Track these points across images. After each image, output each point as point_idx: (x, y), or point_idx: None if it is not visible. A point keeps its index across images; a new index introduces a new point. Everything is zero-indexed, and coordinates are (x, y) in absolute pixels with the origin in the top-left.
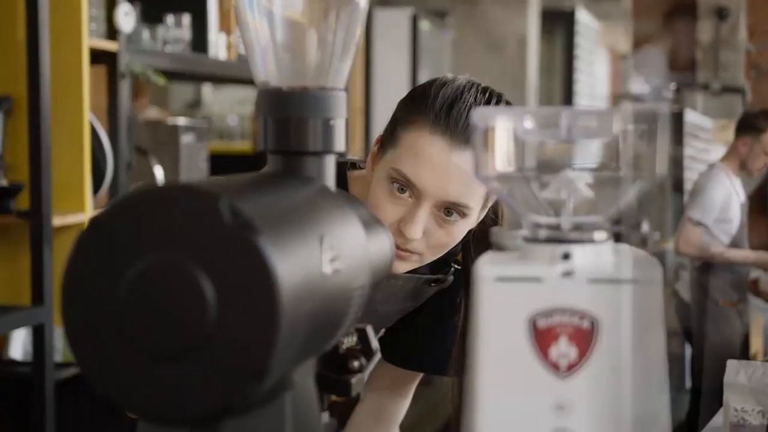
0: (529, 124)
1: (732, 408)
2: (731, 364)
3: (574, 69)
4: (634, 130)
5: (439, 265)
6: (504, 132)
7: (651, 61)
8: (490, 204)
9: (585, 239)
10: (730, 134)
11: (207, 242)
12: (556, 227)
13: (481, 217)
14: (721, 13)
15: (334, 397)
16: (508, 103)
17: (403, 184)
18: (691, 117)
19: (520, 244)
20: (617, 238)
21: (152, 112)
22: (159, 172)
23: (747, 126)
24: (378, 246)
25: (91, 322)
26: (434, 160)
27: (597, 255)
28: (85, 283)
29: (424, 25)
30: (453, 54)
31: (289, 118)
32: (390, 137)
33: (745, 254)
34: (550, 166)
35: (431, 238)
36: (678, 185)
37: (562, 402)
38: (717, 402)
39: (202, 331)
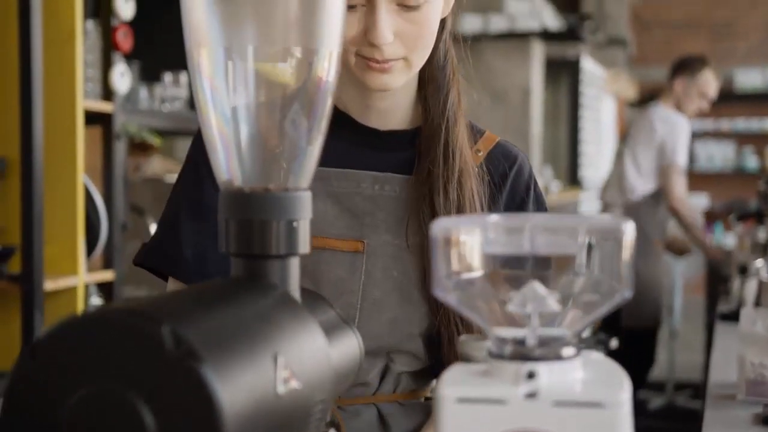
0: (491, 235)
1: (749, 362)
2: (746, 312)
3: (579, 117)
4: (598, 244)
5: None
6: (466, 243)
7: None
8: None
9: (552, 356)
10: (619, 85)
11: (148, 371)
12: (522, 342)
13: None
14: None
15: None
16: None
17: None
18: (587, 64)
19: (487, 357)
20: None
21: (157, 164)
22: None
23: (683, 67)
24: (342, 351)
25: None
26: None
27: (564, 373)
28: (24, 411)
29: None
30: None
31: (251, 220)
32: None
33: (707, 244)
34: (515, 278)
35: (405, 37)
36: (574, 131)
37: None
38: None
39: None
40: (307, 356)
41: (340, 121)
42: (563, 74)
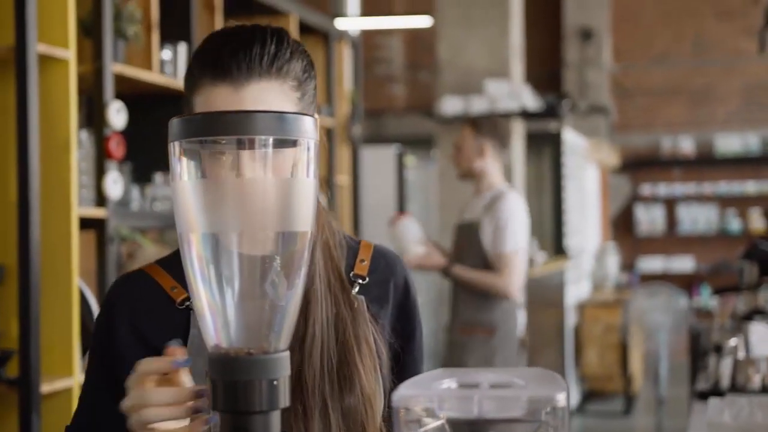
0: (445, 402)
1: None
2: (714, 403)
3: (562, 187)
4: (536, 416)
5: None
6: (422, 410)
7: None
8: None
9: None
10: (602, 153)
11: None
12: None
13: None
14: (585, 34)
15: None
16: (293, 42)
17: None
18: (569, 136)
19: None
20: None
21: (150, 251)
22: None
23: None
24: None
25: None
26: (224, 106)
27: None
28: None
29: (410, 160)
30: (439, 185)
31: (236, 381)
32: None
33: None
34: None
35: None
36: (558, 201)
37: None
38: None
39: None
40: None
41: None
42: (545, 147)
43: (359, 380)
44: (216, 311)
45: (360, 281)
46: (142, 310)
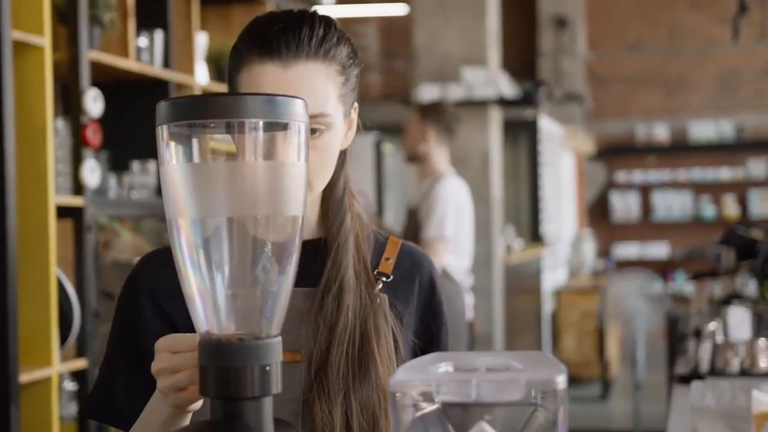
0: (443, 386)
1: None
2: (696, 386)
3: (539, 174)
4: (533, 399)
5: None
6: (420, 394)
7: None
8: (353, 110)
9: None
10: (577, 140)
11: None
12: None
13: (352, 131)
14: (560, 22)
15: None
16: (340, 28)
17: None
18: (545, 123)
19: None
20: None
21: (126, 239)
22: None
23: None
24: None
25: None
26: (272, 84)
27: None
28: None
29: (388, 148)
30: (417, 174)
31: (228, 368)
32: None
33: None
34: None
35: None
36: (534, 189)
37: None
38: None
39: None
40: None
41: None
42: (521, 134)
43: (375, 370)
44: (206, 297)
45: (384, 279)
46: (165, 288)
